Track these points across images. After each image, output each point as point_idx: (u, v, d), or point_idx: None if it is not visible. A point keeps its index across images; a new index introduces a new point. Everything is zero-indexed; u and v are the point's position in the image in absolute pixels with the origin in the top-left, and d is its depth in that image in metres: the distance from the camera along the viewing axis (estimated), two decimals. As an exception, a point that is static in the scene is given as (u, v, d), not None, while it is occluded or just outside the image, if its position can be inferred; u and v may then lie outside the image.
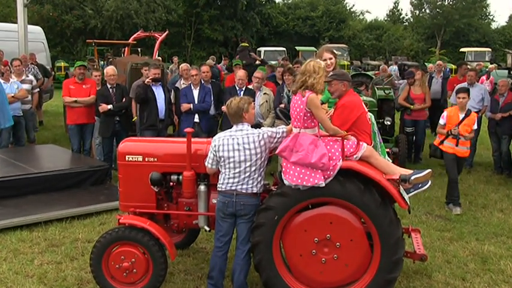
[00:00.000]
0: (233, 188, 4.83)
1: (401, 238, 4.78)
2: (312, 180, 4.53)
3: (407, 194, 4.82)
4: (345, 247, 4.75)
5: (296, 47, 40.15)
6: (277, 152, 4.82)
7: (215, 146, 4.87)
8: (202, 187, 5.24)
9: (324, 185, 4.55)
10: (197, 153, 5.24)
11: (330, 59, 5.68)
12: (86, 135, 10.01)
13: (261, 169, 4.90)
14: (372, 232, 4.73)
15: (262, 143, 4.82)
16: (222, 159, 4.84)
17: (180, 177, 5.27)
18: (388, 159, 5.27)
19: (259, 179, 4.89)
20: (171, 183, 5.44)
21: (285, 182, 4.68)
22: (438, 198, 8.72)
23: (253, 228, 4.85)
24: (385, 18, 63.49)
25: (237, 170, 4.80)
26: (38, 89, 11.28)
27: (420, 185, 4.85)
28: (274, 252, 4.87)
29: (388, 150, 5.60)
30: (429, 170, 4.84)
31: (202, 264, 5.97)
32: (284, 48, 39.41)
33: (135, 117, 9.99)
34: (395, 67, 27.89)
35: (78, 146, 10.11)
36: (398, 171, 4.79)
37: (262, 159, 4.87)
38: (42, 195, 8.01)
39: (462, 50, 42.94)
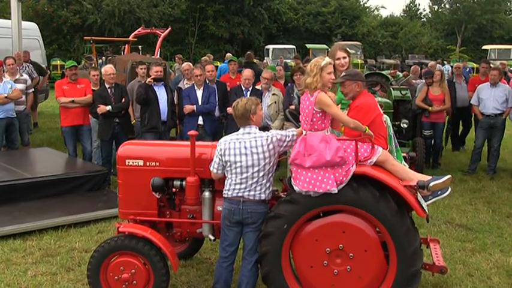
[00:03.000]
0: (240, 194, 4.83)
1: (419, 249, 4.77)
2: (324, 186, 4.53)
3: (426, 201, 4.81)
4: (358, 258, 4.74)
5: (306, 45, 40.18)
6: (289, 161, 4.82)
7: (221, 149, 4.88)
8: (206, 193, 5.25)
9: (336, 191, 4.55)
10: (201, 158, 5.25)
11: (344, 58, 5.67)
12: (83, 137, 10.05)
13: (270, 174, 4.91)
14: (388, 242, 4.72)
15: (271, 146, 4.83)
16: (229, 163, 4.85)
17: (184, 183, 5.28)
18: (405, 164, 5.26)
19: (267, 185, 4.89)
20: (174, 190, 5.45)
21: (295, 188, 4.68)
22: (459, 206, 8.69)
23: (261, 237, 4.86)
24: (402, 14, 63.57)
25: (244, 176, 4.80)
26: (33, 89, 11.33)
27: (439, 192, 4.84)
28: (283, 263, 4.86)
29: (404, 154, 5.59)
30: (449, 176, 4.83)
31: (206, 276, 5.97)
32: (294, 46, 39.46)
33: (134, 120, 10.03)
34: (447, 66, 27.46)
35: (74, 149, 10.16)
36: (416, 177, 4.79)
37: (271, 164, 4.88)
38: (36, 201, 8.03)
39: (485, 47, 42.75)
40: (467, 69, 26.92)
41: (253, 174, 4.80)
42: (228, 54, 20.94)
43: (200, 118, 9.44)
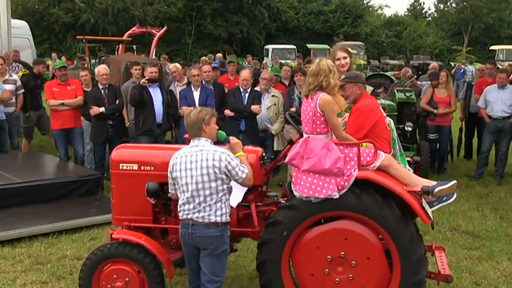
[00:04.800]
0: (189, 216, 4.60)
1: (424, 256, 4.78)
2: (325, 191, 4.54)
3: (431, 207, 4.82)
4: (361, 266, 4.75)
5: (307, 45, 40.28)
6: (286, 160, 4.83)
7: (170, 166, 4.69)
8: (203, 199, 5.25)
9: (338, 197, 4.56)
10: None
11: (345, 58, 5.70)
12: (74, 141, 10.06)
13: (220, 194, 4.58)
14: (391, 249, 4.73)
15: (222, 164, 4.51)
16: (176, 181, 4.66)
17: (179, 187, 5.28)
18: (409, 168, 5.27)
19: (218, 206, 4.58)
20: (170, 195, 5.46)
21: (295, 193, 4.69)
22: (465, 212, 8.69)
23: (260, 245, 4.87)
24: (406, 13, 63.60)
25: (190, 194, 4.55)
26: (23, 90, 11.32)
27: (445, 198, 4.85)
28: (283, 271, 4.87)
29: (408, 159, 5.60)
30: (454, 182, 4.85)
31: (202, 285, 5.97)
32: (294, 46, 39.50)
33: (128, 123, 10.03)
34: (471, 67, 27.42)
35: (65, 153, 10.15)
36: (421, 183, 4.80)
37: (221, 183, 4.57)
38: (26, 207, 8.02)
39: (492, 48, 42.81)
40: (462, 70, 26.96)
41: (198, 192, 4.53)
42: (218, 55, 20.98)
43: None
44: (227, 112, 9.33)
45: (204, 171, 4.51)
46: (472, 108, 11.58)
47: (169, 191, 4.85)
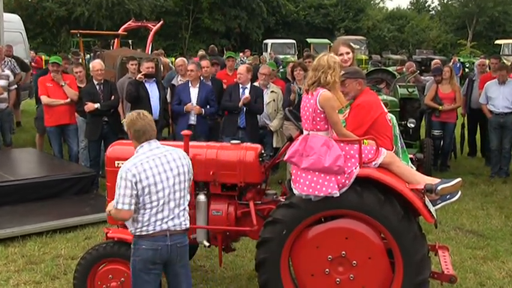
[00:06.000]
0: (164, 227, 4.26)
1: (427, 256, 4.79)
2: (325, 189, 4.55)
3: (434, 206, 4.82)
4: (362, 266, 4.75)
5: (307, 40, 40.19)
6: (285, 158, 4.83)
7: (133, 175, 4.15)
8: (201, 197, 5.27)
9: (338, 195, 4.57)
10: (196, 159, 5.25)
11: (347, 53, 5.70)
12: (69, 137, 10.05)
13: (189, 197, 4.50)
14: (393, 249, 4.73)
15: (190, 162, 4.50)
16: (147, 190, 4.18)
17: (176, 186, 5.27)
18: (412, 166, 5.28)
19: (187, 209, 4.46)
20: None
21: (295, 191, 4.70)
22: (469, 211, 8.70)
23: (259, 244, 4.87)
24: (409, 7, 63.61)
25: (167, 199, 4.26)
26: (16, 86, 11.31)
27: (448, 196, 4.86)
28: (282, 271, 4.88)
29: (411, 156, 5.61)
30: (459, 179, 4.85)
31: (200, 285, 5.97)
32: (294, 41, 39.52)
33: (124, 120, 10.01)
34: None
35: (59, 150, 10.15)
36: (424, 180, 4.80)
37: (189, 185, 4.48)
38: (19, 205, 8.02)
39: (497, 42, 42.81)
40: (458, 65, 26.93)
41: (175, 195, 4.30)
42: (200, 53, 20.97)
43: (192, 118, 9.25)
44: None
45: (181, 170, 4.35)
46: (474, 104, 11.57)
47: (127, 208, 4.16)
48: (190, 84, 9.40)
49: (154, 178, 4.20)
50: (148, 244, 4.25)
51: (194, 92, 9.32)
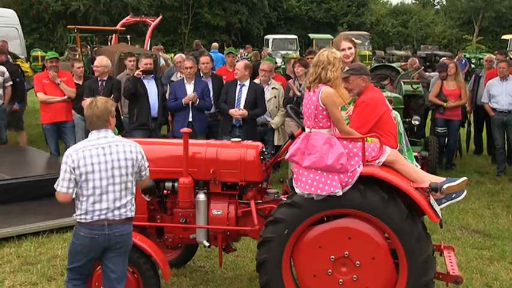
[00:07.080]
0: (102, 216, 4.38)
1: (432, 257, 4.78)
2: (328, 188, 4.54)
3: (439, 205, 4.82)
4: (365, 266, 4.75)
5: (309, 35, 40.25)
6: (287, 157, 4.83)
7: (73, 161, 4.30)
8: (201, 196, 5.27)
9: (341, 194, 4.57)
10: (195, 157, 5.26)
11: (349, 48, 5.69)
12: (66, 135, 10.04)
13: (134, 189, 4.58)
14: (398, 249, 4.73)
15: (139, 157, 4.54)
16: (84, 177, 4.33)
17: (176, 184, 5.30)
18: (416, 164, 5.28)
19: (132, 200, 4.54)
20: (165, 192, 5.46)
21: (297, 190, 4.69)
22: (475, 210, 8.70)
23: (260, 244, 4.87)
24: (413, 2, 63.51)
25: (106, 190, 4.37)
26: (11, 82, 11.30)
27: (454, 195, 4.85)
28: (284, 271, 4.88)
29: (416, 154, 5.61)
30: (464, 178, 4.84)
31: (200, 286, 5.99)
32: (296, 36, 39.50)
33: (122, 116, 10.01)
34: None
35: (56, 148, 10.14)
36: (428, 179, 4.80)
37: (133, 177, 4.54)
38: (15, 205, 8.02)
39: (504, 37, 42.70)
40: (463, 61, 26.95)
41: (114, 187, 4.40)
42: (214, 44, 21.00)
43: (190, 115, 9.21)
44: (232, 112, 9.03)
45: (122, 164, 4.41)
46: (480, 101, 11.56)
47: (65, 191, 4.41)
48: (185, 81, 9.37)
49: (92, 167, 4.32)
50: (86, 232, 4.40)
51: (190, 89, 9.27)
